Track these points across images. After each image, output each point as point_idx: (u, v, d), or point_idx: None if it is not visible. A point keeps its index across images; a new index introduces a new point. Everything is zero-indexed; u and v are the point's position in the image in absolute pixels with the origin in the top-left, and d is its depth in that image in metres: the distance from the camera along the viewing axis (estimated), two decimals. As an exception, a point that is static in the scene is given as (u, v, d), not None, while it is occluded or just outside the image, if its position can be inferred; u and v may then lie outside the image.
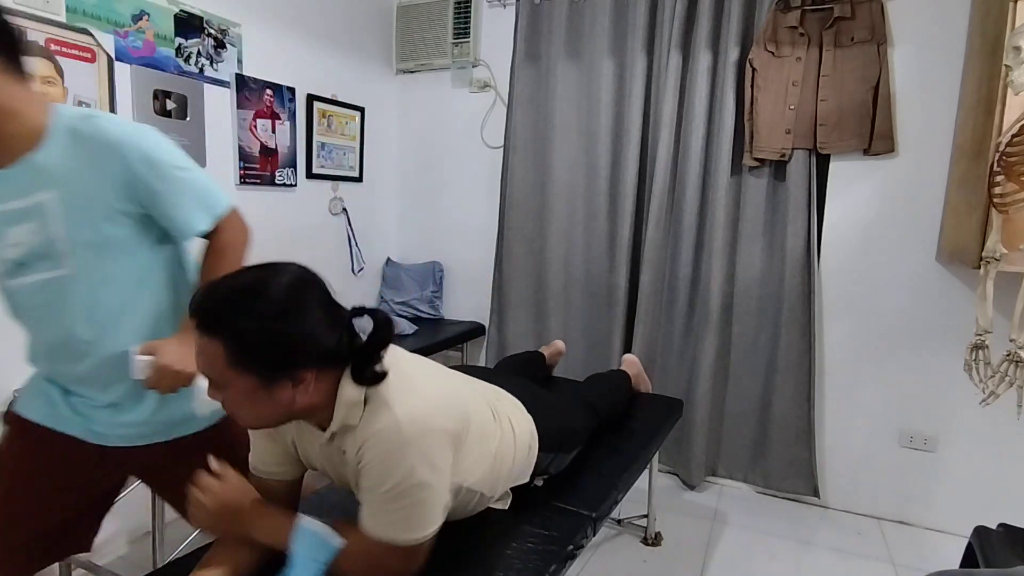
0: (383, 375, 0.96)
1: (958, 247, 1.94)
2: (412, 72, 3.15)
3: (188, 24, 2.12)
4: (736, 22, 2.35)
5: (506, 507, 1.32)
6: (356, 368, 0.96)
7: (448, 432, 1.00)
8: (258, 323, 0.86)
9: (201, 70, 2.18)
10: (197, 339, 0.89)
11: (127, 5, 1.93)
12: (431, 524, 0.99)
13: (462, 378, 1.22)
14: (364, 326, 0.97)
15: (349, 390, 0.96)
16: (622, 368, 2.24)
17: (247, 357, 0.86)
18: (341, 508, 1.30)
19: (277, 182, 2.54)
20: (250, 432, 1.12)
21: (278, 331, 0.87)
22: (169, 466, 1.21)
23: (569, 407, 1.65)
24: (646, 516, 2.18)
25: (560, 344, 2.35)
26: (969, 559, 1.31)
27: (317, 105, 2.68)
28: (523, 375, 1.87)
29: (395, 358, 1.01)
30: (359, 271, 3.02)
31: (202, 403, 1.13)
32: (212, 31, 2.21)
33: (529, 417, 1.38)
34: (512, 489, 1.34)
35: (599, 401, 1.81)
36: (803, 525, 2.33)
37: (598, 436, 1.72)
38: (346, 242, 2.96)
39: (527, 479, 1.36)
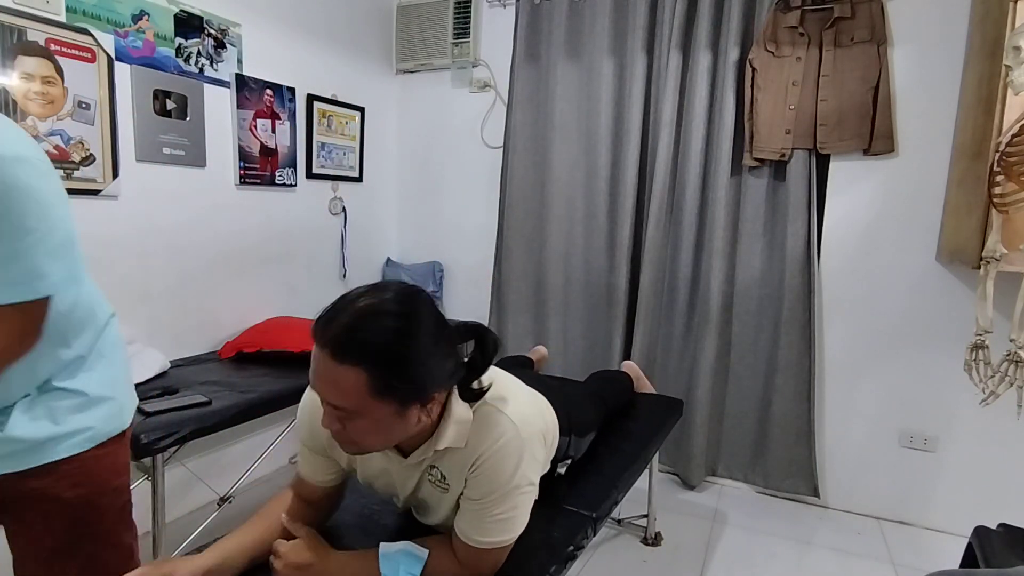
0: (487, 387, 0.99)
1: (958, 247, 1.94)
2: (412, 72, 3.15)
3: (188, 24, 2.12)
4: (736, 22, 2.35)
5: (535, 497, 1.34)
6: (463, 385, 0.98)
7: (542, 432, 1.06)
8: (401, 347, 0.84)
9: (201, 70, 2.18)
10: (329, 369, 0.84)
11: (127, 5, 1.93)
12: (526, 520, 1.04)
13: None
14: None
15: (460, 409, 0.97)
16: (623, 370, 2.27)
17: (391, 383, 0.84)
18: (348, 509, 1.30)
19: (277, 182, 2.54)
20: (301, 446, 1.13)
21: (417, 352, 0.86)
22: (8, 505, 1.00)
23: (576, 394, 1.70)
24: (646, 516, 2.18)
25: (543, 350, 2.41)
26: (969, 559, 1.31)
27: (317, 105, 2.68)
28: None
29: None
30: (343, 276, 2.97)
31: None
32: (212, 31, 2.21)
33: (551, 408, 1.39)
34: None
35: (601, 390, 1.86)
36: (803, 525, 2.33)
37: (606, 426, 1.75)
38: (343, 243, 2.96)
39: (548, 467, 1.38)
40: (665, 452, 2.64)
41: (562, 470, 1.45)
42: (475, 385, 0.99)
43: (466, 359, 0.98)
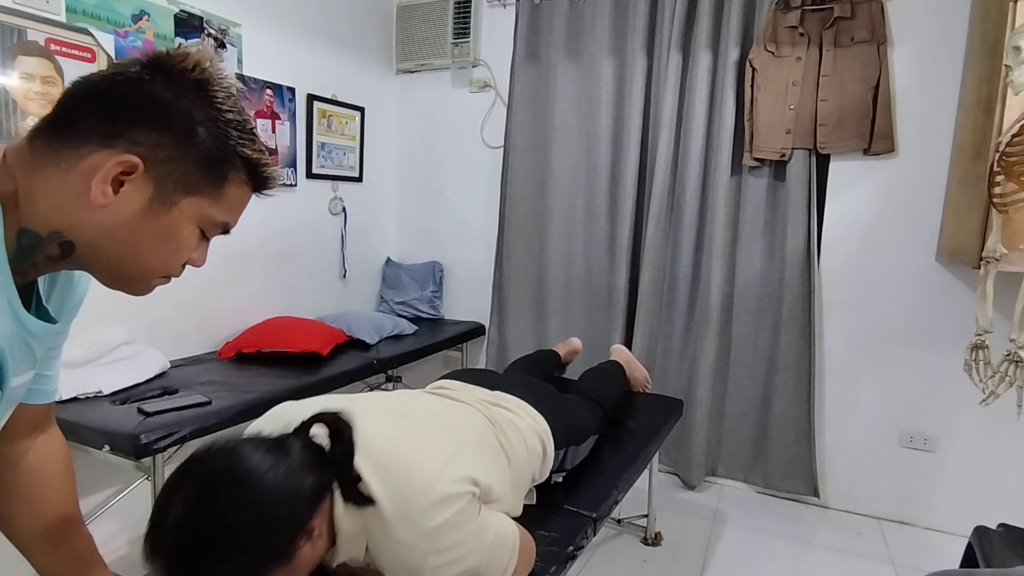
0: (371, 498, 0.88)
1: (958, 247, 1.94)
2: (412, 72, 3.15)
3: (188, 24, 2.12)
4: (736, 22, 2.35)
5: (532, 502, 1.34)
6: (343, 487, 0.88)
7: (462, 494, 0.93)
8: (241, 523, 0.75)
9: (201, 70, 2.18)
10: None
11: (127, 5, 1.93)
12: (492, 525, 0.98)
13: (443, 407, 1.19)
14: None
15: (346, 522, 0.88)
16: (612, 359, 2.22)
17: (257, 565, 0.76)
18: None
19: (277, 182, 2.53)
20: None
21: (266, 514, 0.77)
22: None
23: (573, 401, 1.68)
24: (646, 516, 2.18)
25: (576, 342, 2.31)
26: (969, 559, 1.31)
27: (317, 105, 2.68)
28: (533, 374, 1.88)
29: (363, 444, 0.90)
30: (343, 276, 2.96)
31: None
32: (212, 31, 2.21)
33: (539, 416, 1.36)
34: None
35: (597, 390, 1.84)
36: (803, 525, 2.33)
37: (606, 428, 1.75)
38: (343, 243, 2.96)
39: (547, 475, 1.38)
40: (665, 452, 2.64)
41: (559, 479, 1.45)
42: (362, 491, 0.88)
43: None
